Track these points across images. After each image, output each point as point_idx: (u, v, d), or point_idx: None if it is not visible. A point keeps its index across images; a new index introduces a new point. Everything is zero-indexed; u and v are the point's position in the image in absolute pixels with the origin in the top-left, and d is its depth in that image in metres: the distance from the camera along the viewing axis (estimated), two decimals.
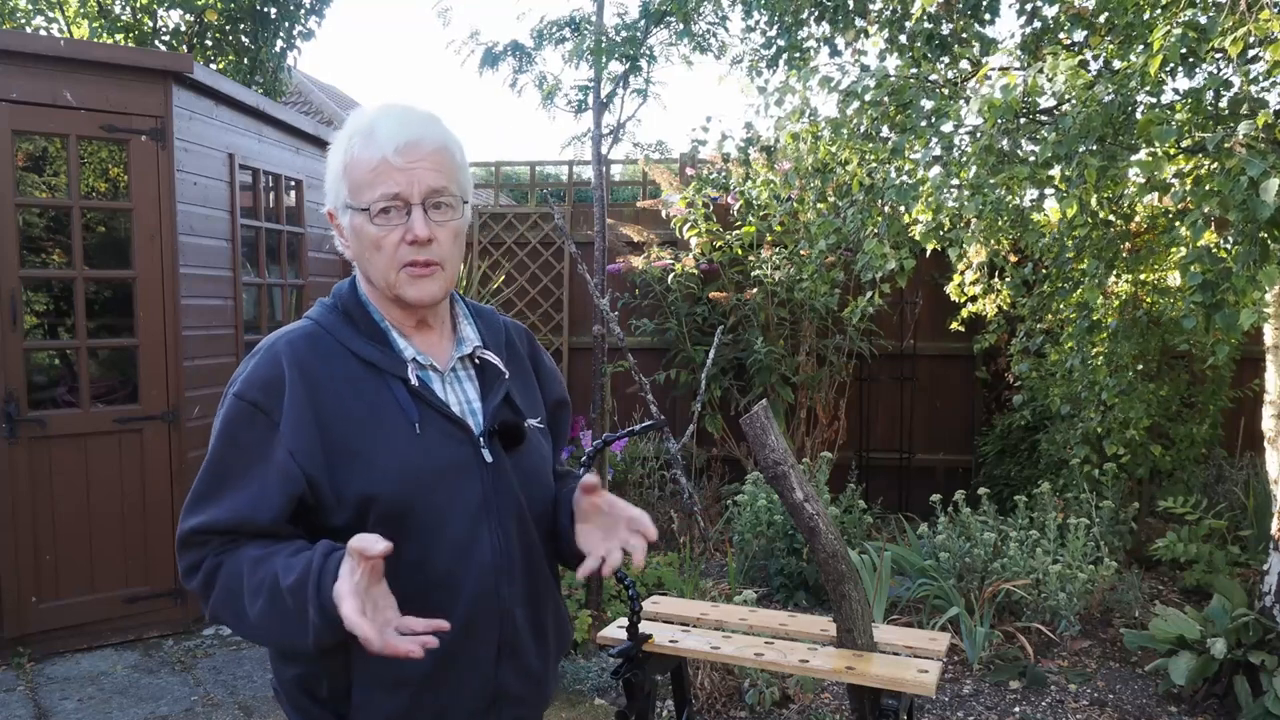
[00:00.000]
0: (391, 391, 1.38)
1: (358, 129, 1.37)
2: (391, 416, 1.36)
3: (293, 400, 1.33)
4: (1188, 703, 3.66)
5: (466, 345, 1.49)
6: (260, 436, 1.32)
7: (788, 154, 3.96)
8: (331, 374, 1.37)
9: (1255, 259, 2.65)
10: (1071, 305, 4.38)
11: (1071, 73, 2.90)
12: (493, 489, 1.41)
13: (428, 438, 1.37)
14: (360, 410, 1.35)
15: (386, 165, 1.34)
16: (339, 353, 1.39)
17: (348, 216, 1.39)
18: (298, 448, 1.31)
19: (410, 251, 1.36)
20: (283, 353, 1.37)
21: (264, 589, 1.27)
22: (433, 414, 1.39)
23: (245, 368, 1.39)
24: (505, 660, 1.43)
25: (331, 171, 1.41)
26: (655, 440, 5.81)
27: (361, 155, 1.35)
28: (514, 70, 4.43)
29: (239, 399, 1.35)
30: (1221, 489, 5.17)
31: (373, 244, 1.37)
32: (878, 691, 2.32)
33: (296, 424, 1.32)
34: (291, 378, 1.34)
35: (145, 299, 4.29)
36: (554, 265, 6.68)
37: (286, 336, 1.41)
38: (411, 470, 1.35)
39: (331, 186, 1.41)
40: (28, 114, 4.04)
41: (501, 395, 1.48)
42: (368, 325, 1.42)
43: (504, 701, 1.45)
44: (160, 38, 6.81)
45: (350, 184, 1.37)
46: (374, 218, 1.35)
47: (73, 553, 4.22)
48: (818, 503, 2.43)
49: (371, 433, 1.35)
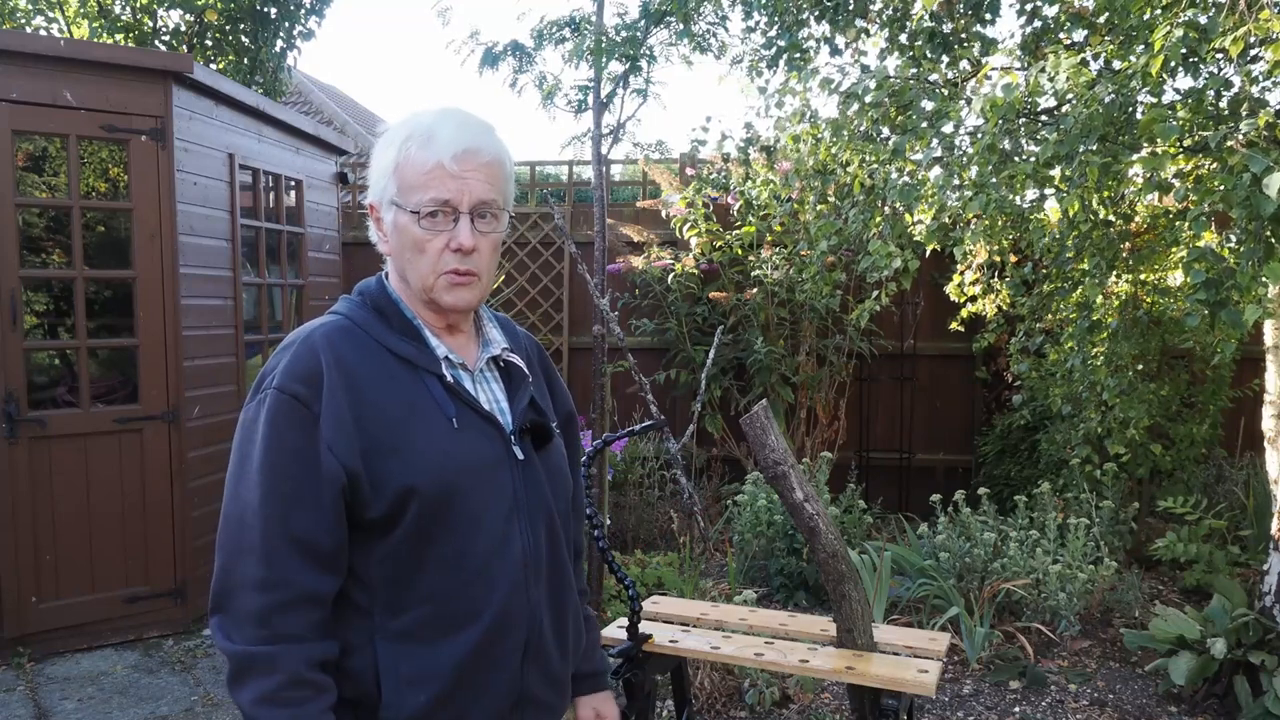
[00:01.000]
0: (427, 387, 1.38)
1: (417, 129, 1.37)
2: (429, 411, 1.37)
3: (331, 393, 1.32)
4: (1188, 703, 3.66)
5: (494, 347, 1.50)
6: (306, 434, 1.31)
7: (788, 155, 3.96)
8: (367, 368, 1.36)
9: (1259, 256, 2.65)
10: (1071, 305, 4.38)
11: (1073, 71, 2.90)
12: (523, 487, 1.43)
13: (465, 433, 1.39)
14: (397, 404, 1.35)
15: (441, 170, 1.35)
16: (373, 348, 1.38)
17: (392, 213, 1.39)
18: (335, 442, 1.30)
19: (453, 259, 1.37)
20: (320, 345, 1.35)
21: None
22: (467, 410, 1.41)
23: (280, 360, 1.36)
24: (530, 663, 1.43)
25: (380, 166, 1.40)
26: (655, 440, 5.81)
27: (417, 156, 1.36)
28: (514, 70, 4.42)
29: (282, 392, 1.32)
30: (1221, 489, 5.17)
31: (415, 246, 1.38)
32: (878, 691, 2.32)
33: (335, 417, 1.31)
34: (329, 371, 1.33)
35: (145, 299, 4.29)
36: (554, 265, 6.68)
37: (322, 329, 1.39)
38: (452, 463, 1.36)
39: (378, 181, 1.40)
40: (28, 114, 4.04)
41: (528, 398, 1.50)
42: (401, 322, 1.42)
43: (527, 705, 1.45)
44: (160, 38, 6.81)
45: (401, 182, 1.37)
46: (421, 220, 1.36)
47: (73, 553, 4.22)
48: (818, 503, 2.43)
49: (410, 426, 1.35)
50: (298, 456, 1.30)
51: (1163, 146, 2.79)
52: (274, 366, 1.36)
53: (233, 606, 1.30)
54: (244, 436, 1.34)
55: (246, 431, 1.34)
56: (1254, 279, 2.65)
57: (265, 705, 1.26)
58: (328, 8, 7.20)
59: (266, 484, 1.30)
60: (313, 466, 1.30)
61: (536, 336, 7.14)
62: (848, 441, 6.20)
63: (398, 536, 1.33)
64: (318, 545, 1.30)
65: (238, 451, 1.35)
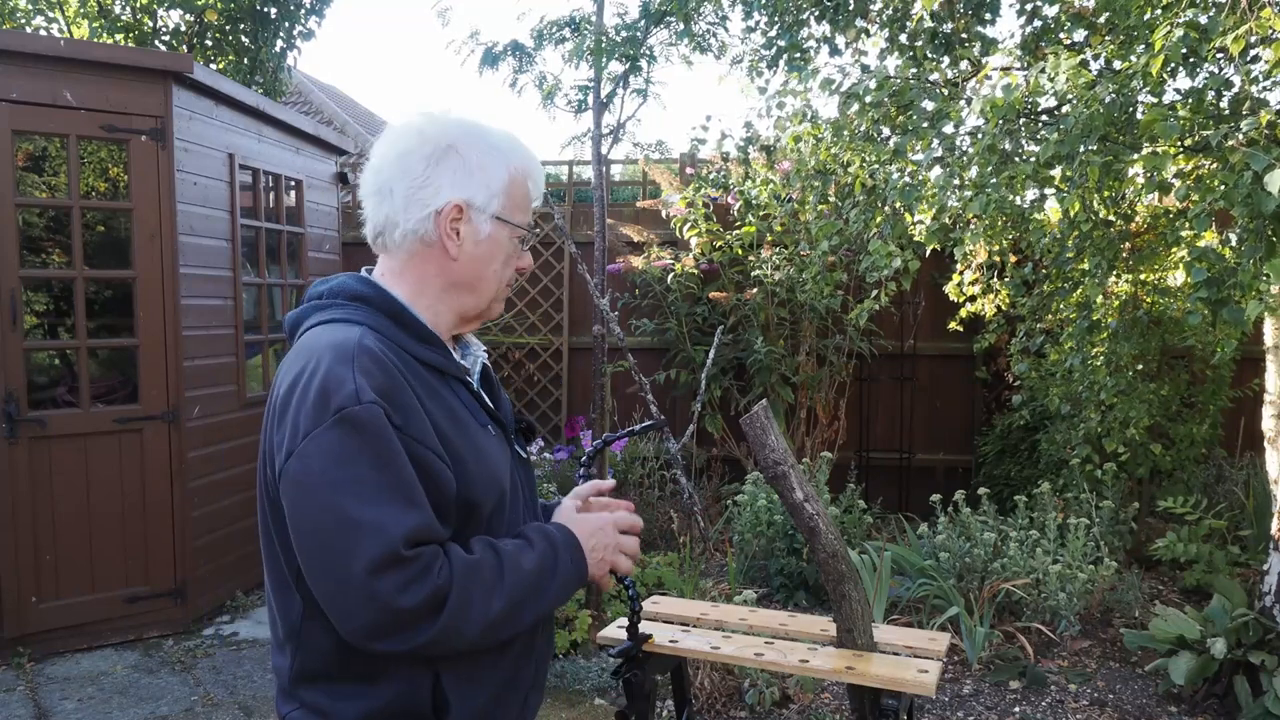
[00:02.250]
0: (456, 394, 1.40)
1: (526, 160, 1.45)
2: (466, 419, 1.38)
3: (412, 405, 1.28)
4: (1188, 703, 3.66)
5: (477, 350, 1.53)
6: (398, 443, 1.24)
7: (789, 155, 3.96)
8: (412, 378, 1.32)
9: (1261, 254, 2.65)
10: (1071, 305, 4.38)
11: (1074, 71, 2.90)
12: (525, 484, 1.49)
13: (494, 438, 1.43)
14: (444, 415, 1.34)
15: (531, 205, 1.47)
16: (405, 357, 1.34)
17: (492, 225, 1.41)
18: (436, 449, 1.28)
19: (511, 278, 1.48)
20: (383, 357, 1.28)
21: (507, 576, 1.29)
22: (486, 415, 1.44)
23: (348, 374, 1.24)
24: (543, 654, 1.51)
25: (487, 174, 1.40)
26: (655, 440, 5.81)
27: (528, 185, 1.45)
28: (514, 70, 4.42)
29: (377, 405, 1.23)
30: (1221, 489, 5.17)
31: (505, 261, 1.44)
32: (878, 691, 2.32)
33: (424, 428, 1.28)
34: (404, 383, 1.29)
35: (145, 299, 4.29)
36: (554, 265, 6.68)
37: (370, 338, 1.30)
38: (497, 472, 1.39)
39: (479, 188, 1.39)
40: (28, 114, 4.04)
41: (507, 399, 1.57)
42: (419, 329, 1.39)
43: (535, 689, 1.51)
44: (160, 38, 6.81)
45: (511, 200, 1.42)
46: (520, 239, 1.45)
47: (73, 553, 4.22)
48: (818, 503, 2.43)
49: (462, 436, 1.34)
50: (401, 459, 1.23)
51: (1163, 146, 2.79)
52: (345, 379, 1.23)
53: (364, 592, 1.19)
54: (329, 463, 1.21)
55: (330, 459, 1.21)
56: (1255, 277, 2.65)
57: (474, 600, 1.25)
58: (328, 8, 7.20)
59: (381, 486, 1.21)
60: (428, 474, 1.26)
61: (537, 336, 7.18)
62: (848, 441, 6.20)
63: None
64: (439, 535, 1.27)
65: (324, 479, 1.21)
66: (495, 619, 1.27)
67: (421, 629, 1.21)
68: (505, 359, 6.68)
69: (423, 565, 1.21)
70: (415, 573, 1.20)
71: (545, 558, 1.35)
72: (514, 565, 1.31)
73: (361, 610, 1.20)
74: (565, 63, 4.32)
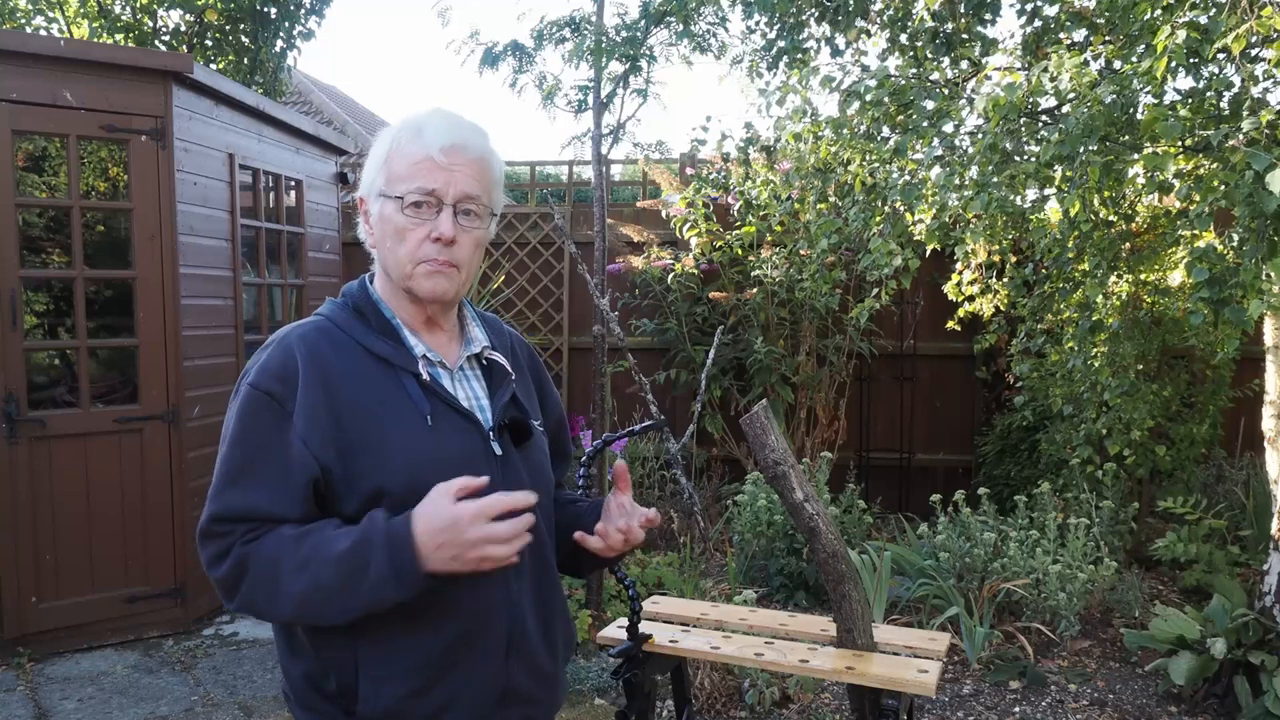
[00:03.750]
0: (403, 386, 1.41)
1: (407, 124, 1.42)
2: (403, 409, 1.39)
3: (306, 390, 1.35)
4: (1188, 703, 3.66)
5: (475, 345, 1.52)
6: (276, 425, 1.35)
7: (788, 154, 3.96)
8: (344, 367, 1.39)
9: (1262, 253, 2.65)
10: (1073, 305, 4.38)
11: (1075, 71, 2.89)
12: (502, 482, 1.42)
13: (439, 430, 1.40)
14: (372, 402, 1.38)
15: (429, 162, 1.38)
16: (351, 347, 1.41)
17: (379, 204, 1.43)
18: (311, 437, 1.34)
19: (433, 249, 1.40)
20: (295, 345, 1.40)
21: (311, 561, 1.30)
22: (443, 407, 1.42)
23: (258, 359, 1.41)
24: (514, 656, 1.44)
25: (372, 160, 1.44)
26: (655, 440, 5.81)
27: (407, 148, 1.40)
28: (514, 70, 4.42)
29: (254, 389, 1.37)
30: (1221, 489, 5.17)
31: (397, 233, 1.40)
32: (878, 691, 2.32)
33: (310, 414, 1.34)
34: (305, 368, 1.37)
35: (145, 299, 4.29)
36: (554, 265, 6.68)
37: (299, 330, 1.44)
38: (424, 461, 1.37)
39: (368, 175, 1.45)
40: (28, 114, 4.04)
41: (509, 395, 1.52)
42: (379, 322, 1.45)
43: (513, 699, 1.45)
44: (160, 38, 6.81)
45: (389, 173, 1.41)
46: (405, 208, 1.39)
47: (73, 553, 4.22)
48: (818, 503, 2.43)
49: (384, 424, 1.37)
50: (264, 441, 1.35)
51: (1164, 146, 2.79)
52: (252, 364, 1.41)
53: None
54: (222, 431, 1.41)
55: (224, 427, 1.41)
56: (1257, 276, 2.66)
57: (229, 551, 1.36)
58: (328, 8, 7.20)
59: (229, 461, 1.36)
60: (278, 454, 1.34)
61: (536, 336, 7.16)
62: (848, 441, 6.20)
63: None
64: (274, 513, 1.34)
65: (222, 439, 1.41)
66: (297, 598, 1.31)
67: (230, 597, 1.35)
68: None
69: (226, 544, 1.34)
70: (219, 549, 1.35)
71: (355, 552, 1.29)
72: (325, 549, 1.30)
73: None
74: (565, 63, 4.32)
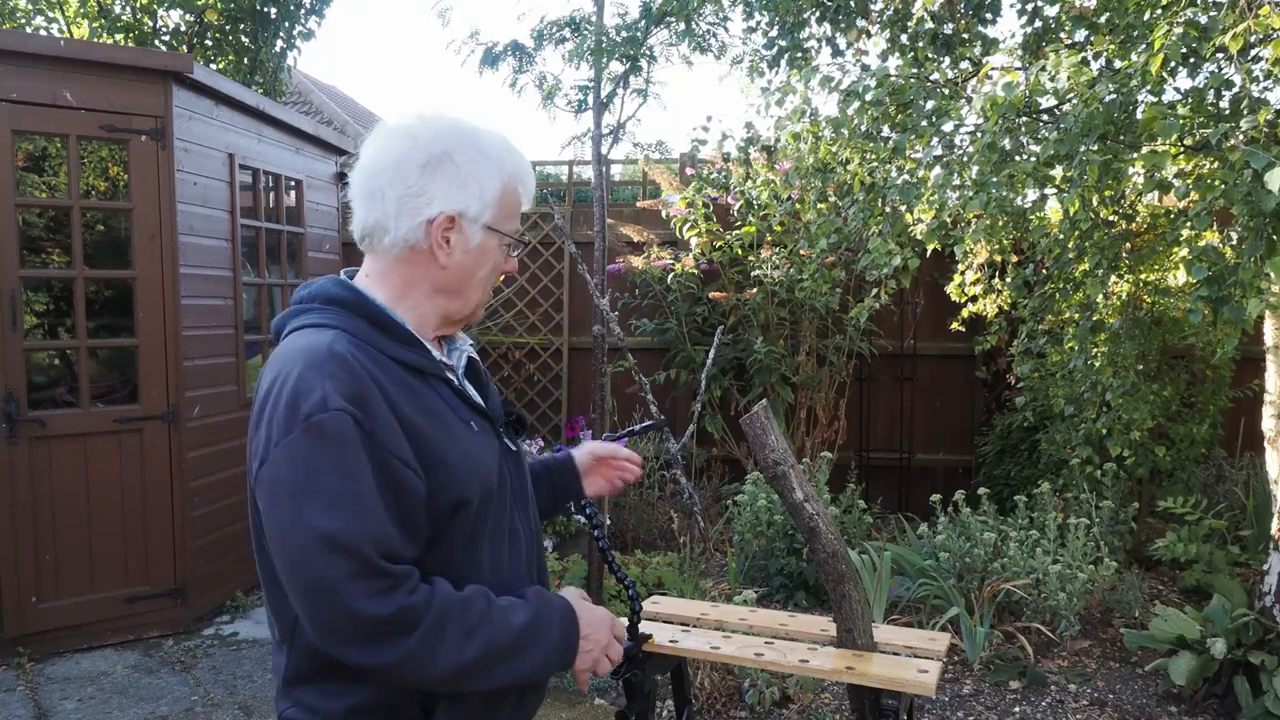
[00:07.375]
0: (438, 393, 1.38)
1: (518, 167, 1.44)
2: (449, 417, 1.37)
3: (380, 410, 1.26)
4: (1188, 703, 3.66)
5: (464, 345, 1.53)
6: (375, 455, 1.24)
7: (788, 154, 3.96)
8: (388, 381, 1.31)
9: (1262, 252, 2.65)
10: (1073, 305, 4.38)
11: (1074, 70, 2.89)
12: (515, 478, 1.46)
13: (479, 434, 1.40)
14: (422, 415, 1.32)
15: (520, 210, 1.47)
16: (381, 359, 1.33)
17: (483, 235, 1.41)
18: (404, 456, 1.26)
19: (495, 281, 1.48)
20: (355, 361, 1.28)
21: (481, 627, 1.26)
22: (472, 411, 1.42)
23: (317, 380, 1.24)
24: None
25: (480, 185, 1.39)
26: (655, 440, 5.81)
27: (518, 191, 1.45)
28: (514, 70, 4.42)
29: (345, 413, 1.22)
30: (1221, 489, 5.17)
31: (493, 269, 1.45)
32: (878, 691, 2.32)
33: (393, 434, 1.26)
34: (374, 387, 1.27)
35: (145, 299, 4.29)
36: (554, 265, 6.68)
37: (337, 343, 1.30)
38: (482, 469, 1.37)
39: (472, 199, 1.39)
40: (28, 114, 4.04)
41: (495, 391, 1.55)
42: (400, 332, 1.38)
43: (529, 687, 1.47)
44: (160, 38, 6.81)
45: (502, 210, 1.42)
46: (505, 246, 1.45)
47: (73, 553, 4.22)
48: (818, 503, 2.43)
49: (443, 435, 1.33)
50: (378, 477, 1.23)
51: (1163, 145, 2.79)
52: (313, 387, 1.23)
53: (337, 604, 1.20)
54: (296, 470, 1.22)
55: (297, 466, 1.22)
56: (1256, 275, 2.65)
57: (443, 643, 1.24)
58: (328, 8, 7.20)
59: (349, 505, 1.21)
60: (394, 483, 1.25)
61: (536, 336, 7.17)
62: (848, 441, 6.20)
63: (446, 546, 1.33)
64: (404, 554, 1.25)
65: (291, 486, 1.22)
66: (465, 664, 1.25)
67: (388, 645, 1.21)
68: (505, 359, 6.68)
69: (393, 579, 1.21)
70: (384, 584, 1.21)
71: (536, 622, 1.31)
72: (501, 617, 1.29)
73: (325, 612, 1.21)
74: (565, 63, 4.31)
